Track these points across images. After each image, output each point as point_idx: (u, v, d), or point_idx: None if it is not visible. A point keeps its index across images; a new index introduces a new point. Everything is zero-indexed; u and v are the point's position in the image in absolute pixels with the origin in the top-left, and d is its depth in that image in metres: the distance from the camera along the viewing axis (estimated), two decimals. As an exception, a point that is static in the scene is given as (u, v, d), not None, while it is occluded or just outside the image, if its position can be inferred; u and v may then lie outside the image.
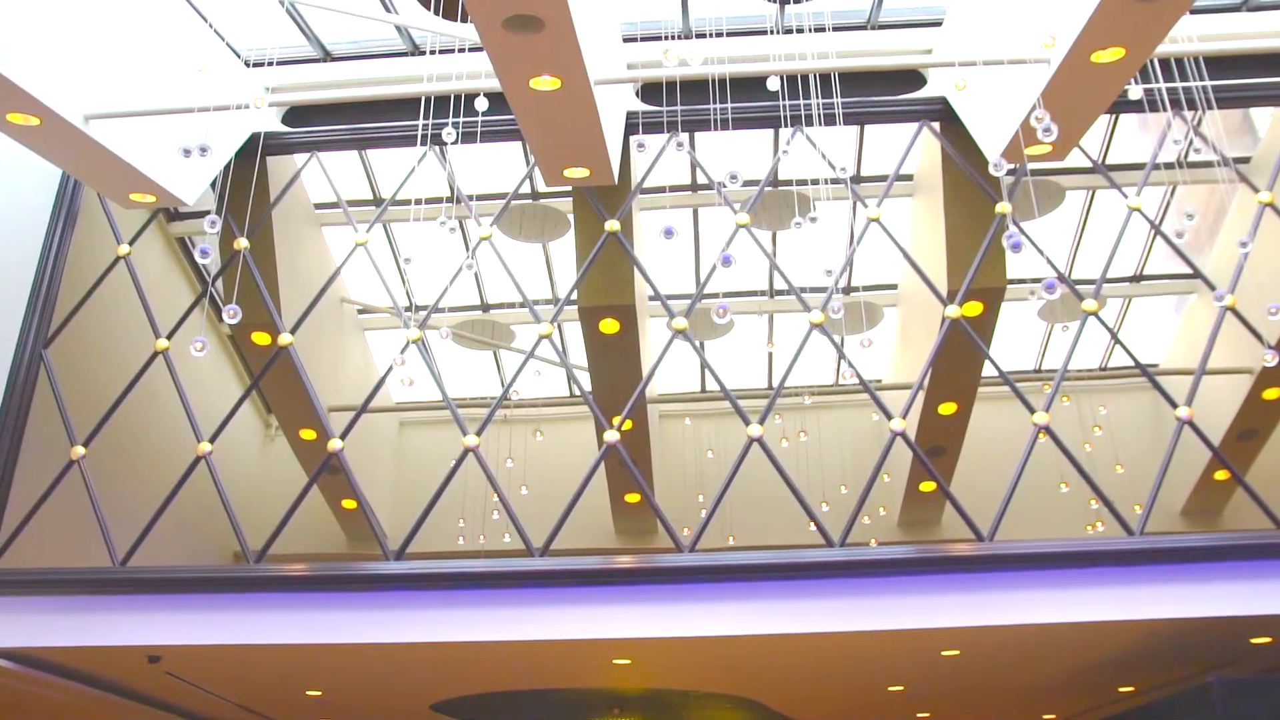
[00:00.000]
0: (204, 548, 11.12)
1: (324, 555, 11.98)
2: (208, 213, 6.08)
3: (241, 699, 9.45)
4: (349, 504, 11.89)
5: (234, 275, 9.03)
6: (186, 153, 5.53)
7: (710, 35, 7.90)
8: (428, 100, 7.94)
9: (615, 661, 8.08)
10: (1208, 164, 9.44)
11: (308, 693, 9.13)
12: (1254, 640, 7.84)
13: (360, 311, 12.68)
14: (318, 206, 11.20)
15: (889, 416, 8.25)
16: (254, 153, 9.02)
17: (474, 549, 11.79)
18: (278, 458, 12.80)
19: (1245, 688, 6.62)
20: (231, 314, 6.00)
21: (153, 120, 7.90)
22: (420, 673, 8.53)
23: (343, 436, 8.52)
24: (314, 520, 11.88)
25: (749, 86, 8.32)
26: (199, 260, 5.85)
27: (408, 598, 7.57)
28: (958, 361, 10.08)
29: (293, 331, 8.96)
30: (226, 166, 8.78)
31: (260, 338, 9.93)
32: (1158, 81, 8.05)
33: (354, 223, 9.47)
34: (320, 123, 9.69)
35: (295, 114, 9.75)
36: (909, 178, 10.79)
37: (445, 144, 6.94)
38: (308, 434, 11.02)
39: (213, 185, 9.03)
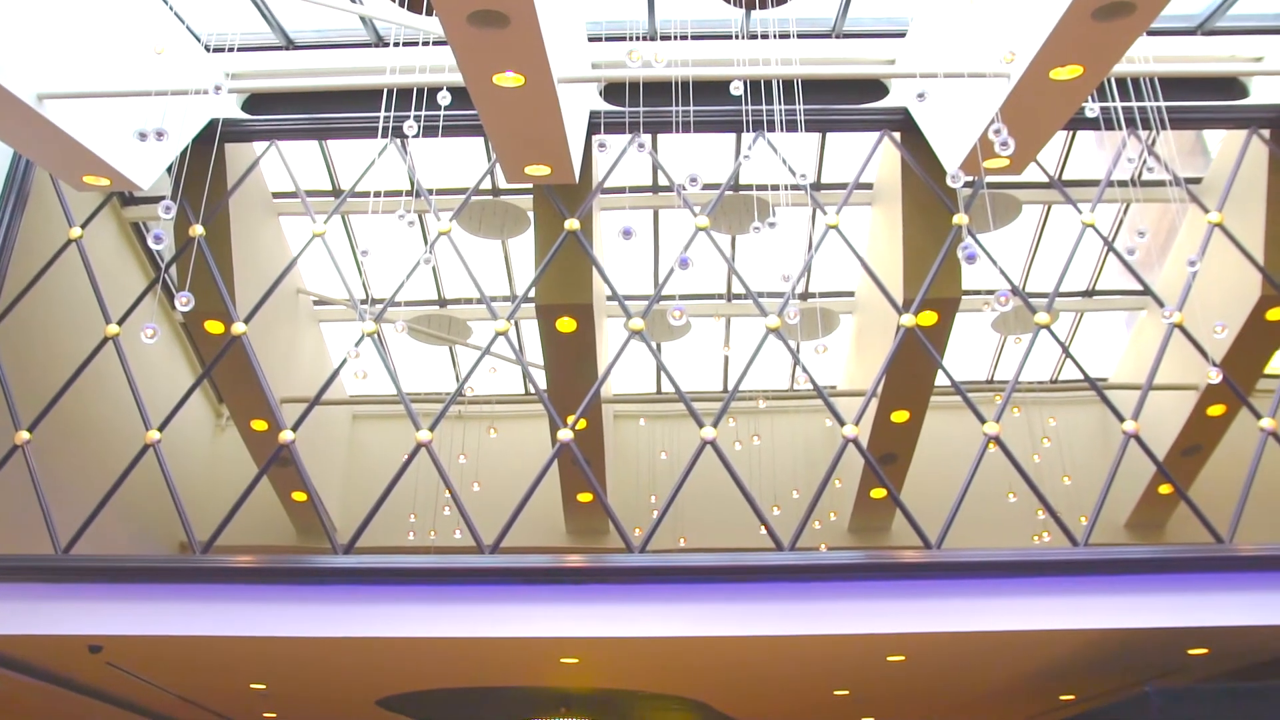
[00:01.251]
0: (150, 538, 10.99)
1: (273, 548, 11.88)
2: (163, 198, 6.00)
3: (184, 691, 9.34)
4: (299, 496, 11.79)
5: (188, 262, 8.92)
6: (142, 136, 5.47)
7: (675, 38, 7.92)
8: (390, 92, 7.89)
9: (563, 660, 8.07)
10: (1160, 183, 9.60)
11: (252, 686, 9.04)
12: (1191, 651, 7.98)
13: (316, 303, 12.58)
14: (276, 195, 11.09)
15: (842, 423, 8.32)
16: (212, 139, 8.92)
17: (425, 545, 11.73)
18: (228, 448, 12.66)
19: (1182, 697, 6.74)
20: (184, 301, 5.93)
21: (109, 102, 7.79)
22: (367, 668, 8.48)
23: (294, 428, 8.45)
24: (263, 512, 11.77)
25: (712, 90, 8.34)
26: (152, 246, 5.77)
27: (356, 592, 7.52)
28: (912, 370, 10.18)
29: (246, 321, 8.87)
30: (183, 152, 8.67)
31: (213, 326, 9.80)
32: (1114, 100, 8.17)
33: (312, 213, 9.40)
34: (280, 111, 9.60)
35: (255, 101, 9.66)
36: (869, 186, 10.87)
37: (406, 137, 6.92)
38: (259, 425, 10.92)
39: (169, 170, 8.93)
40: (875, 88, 9.65)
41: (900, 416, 11.06)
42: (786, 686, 9.10)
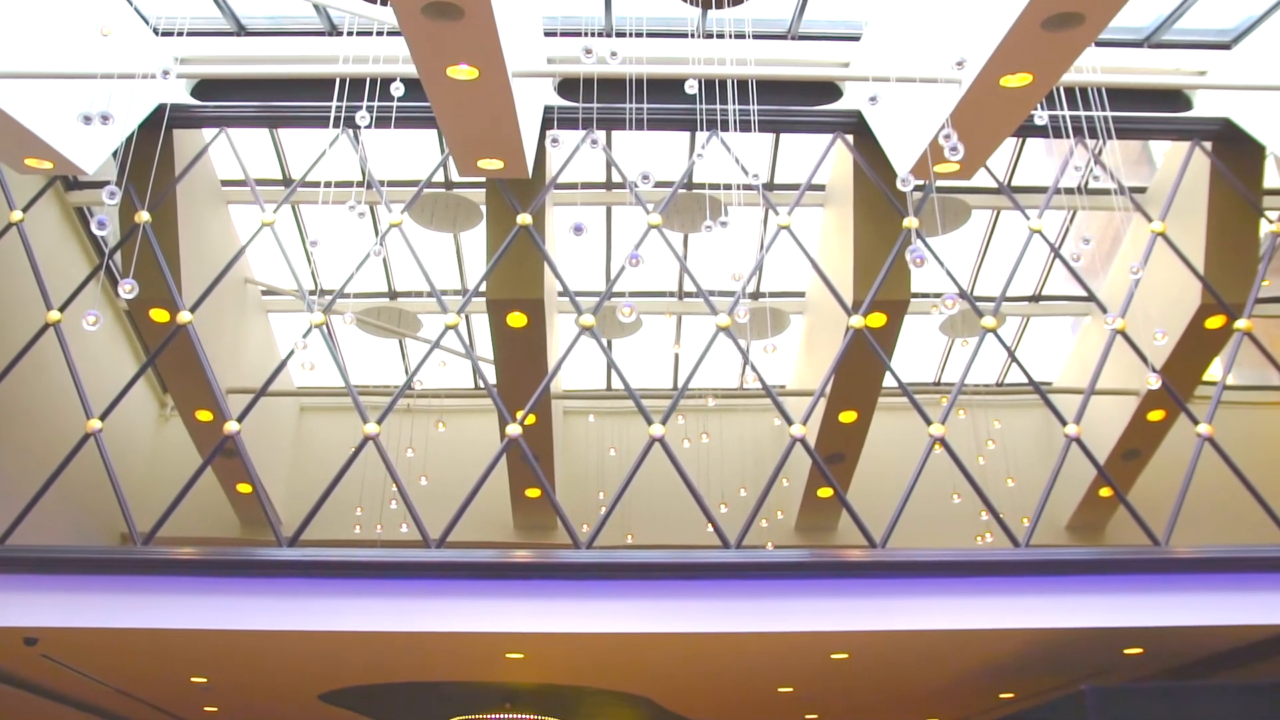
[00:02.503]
0: (91, 528, 10.83)
1: (216, 540, 11.73)
2: (108, 183, 5.91)
3: (122, 685, 9.20)
4: (244, 488, 11.66)
5: (133, 249, 8.79)
6: (87, 120, 5.37)
7: (631, 35, 7.93)
8: (343, 82, 7.82)
9: (508, 656, 8.06)
10: (1106, 191, 9.77)
11: (193, 679, 8.93)
12: (1127, 651, 8.13)
13: (264, 293, 12.43)
14: (225, 184, 10.95)
15: (790, 422, 8.37)
16: (160, 124, 8.79)
17: (370, 538, 11.65)
18: (172, 438, 12.50)
19: (1116, 696, 6.86)
20: (128, 289, 5.85)
21: (53, 84, 7.65)
22: (310, 662, 8.41)
23: (240, 419, 8.37)
24: (207, 504, 11.64)
25: (667, 88, 8.37)
26: (96, 231, 5.69)
27: (300, 585, 7.45)
28: (860, 371, 10.27)
29: (192, 310, 8.76)
30: (129, 137, 8.55)
31: (159, 315, 9.67)
32: (1062, 109, 8.31)
33: (261, 202, 9.30)
34: (231, 98, 9.49)
35: (205, 87, 9.53)
36: (821, 188, 10.94)
37: (358, 127, 6.86)
38: (204, 415, 10.78)
39: (115, 155, 8.78)
40: (829, 90, 9.72)
41: (848, 417, 11.16)
42: (731, 683, 9.15)
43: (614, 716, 11.14)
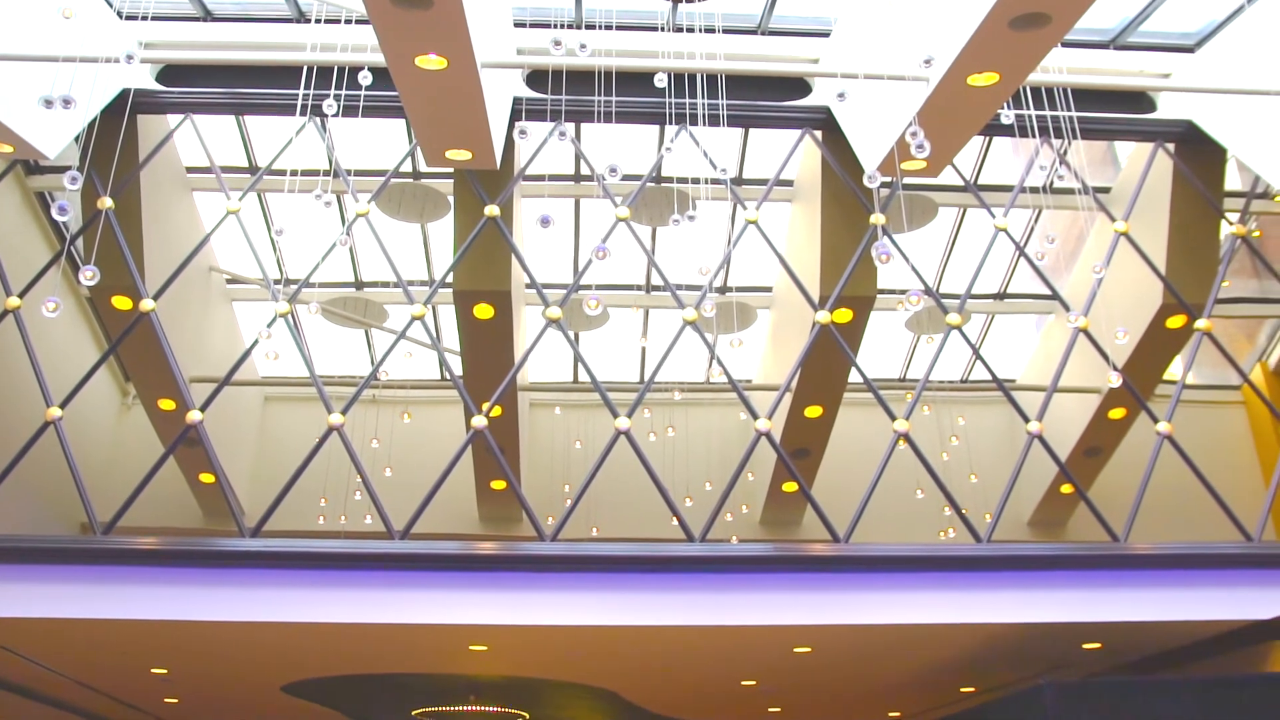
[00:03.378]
0: (50, 518, 10.71)
1: (178, 530, 11.65)
2: (70, 168, 5.84)
3: (81, 676, 9.11)
4: (207, 478, 11.57)
5: (95, 235, 8.69)
6: (48, 103, 5.31)
7: (600, 27, 7.91)
8: (310, 70, 7.77)
9: (472, 648, 8.04)
10: (1071, 191, 9.85)
11: (153, 671, 8.85)
12: (1085, 646, 8.23)
13: (229, 281, 12.33)
14: (190, 170, 10.84)
15: (755, 416, 8.40)
16: (123, 110, 8.68)
17: (335, 530, 11.60)
18: (134, 427, 12.38)
19: (1074, 691, 6.91)
20: (89, 275, 5.78)
21: (13, 66, 7.55)
22: (272, 653, 8.36)
23: (203, 408, 8.30)
24: (169, 494, 11.54)
25: (637, 81, 8.37)
26: (57, 217, 5.61)
27: (262, 576, 7.39)
28: (826, 366, 10.32)
29: (155, 297, 8.68)
30: (92, 122, 8.44)
31: (121, 302, 9.56)
32: (1029, 109, 8.38)
33: (226, 190, 9.22)
34: (196, 84, 9.40)
35: (170, 73, 9.43)
36: (789, 183, 10.98)
37: (326, 116, 6.82)
38: (167, 404, 10.67)
39: (77, 140, 8.68)
40: (798, 86, 9.75)
41: (814, 412, 11.21)
42: (694, 676, 9.17)
43: (578, 709, 11.15)
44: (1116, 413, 11.59)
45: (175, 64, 9.38)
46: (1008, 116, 7.85)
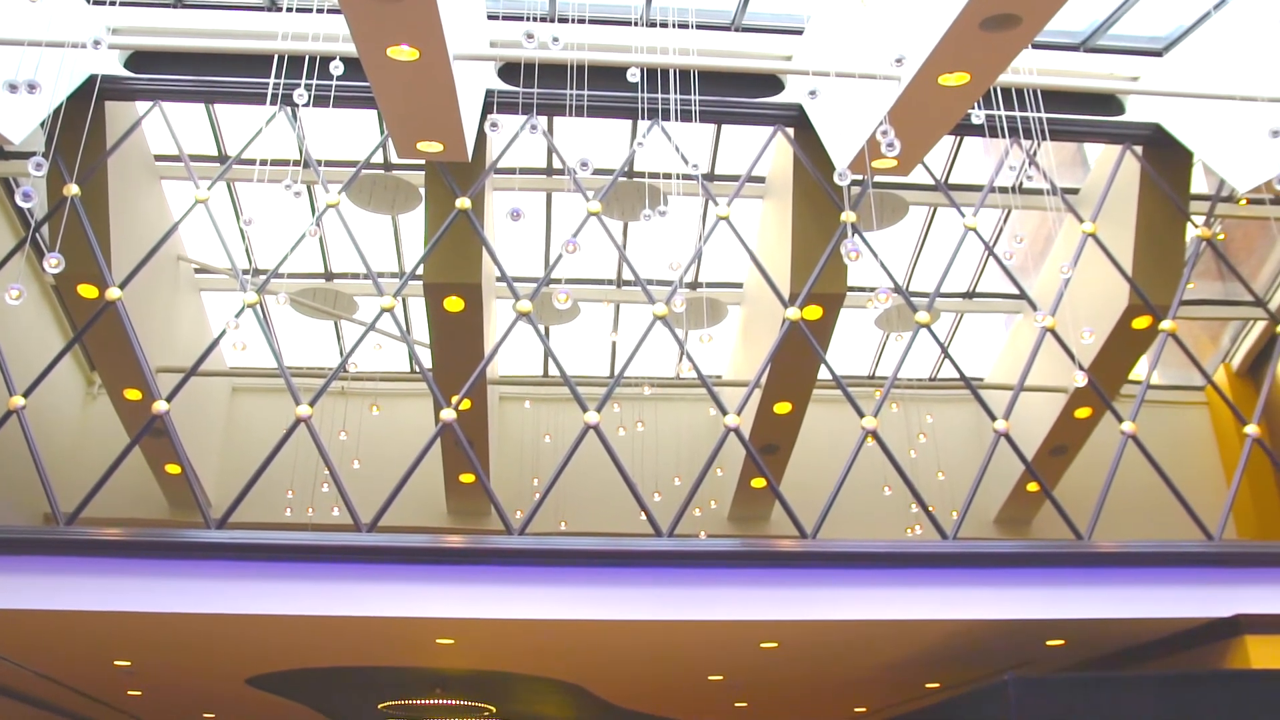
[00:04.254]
0: (12, 508, 10.61)
1: (143, 521, 11.56)
2: (35, 154, 5.77)
3: (42, 668, 9.02)
4: (173, 469, 11.48)
5: (60, 222, 8.59)
6: (12, 88, 5.24)
7: (574, 21, 7.90)
8: (281, 59, 7.70)
9: (439, 641, 8.02)
10: (1040, 192, 9.94)
11: (116, 663, 8.78)
12: (1049, 642, 8.31)
13: (197, 271, 12.23)
14: (158, 158, 10.74)
15: (724, 412, 8.42)
16: (90, 95, 8.59)
17: (302, 521, 11.54)
18: (99, 417, 12.25)
19: (1038, 687, 6.98)
20: (54, 263, 5.71)
21: (-21, 51, 7.44)
22: (237, 646, 8.31)
23: (169, 399, 8.22)
24: (134, 485, 11.46)
25: (609, 76, 8.37)
26: (21, 203, 5.54)
27: (228, 568, 7.34)
28: (795, 363, 10.36)
29: (122, 286, 8.59)
30: (58, 108, 8.34)
31: (87, 290, 9.46)
32: (999, 109, 8.43)
33: (195, 178, 9.14)
34: (166, 71, 9.30)
35: (139, 59, 9.33)
36: (761, 180, 11.01)
37: (296, 105, 6.77)
38: (133, 394, 10.58)
39: (42, 125, 8.57)
40: (771, 83, 9.77)
41: (783, 408, 11.25)
42: (661, 671, 9.19)
43: (545, 704, 11.15)
44: (1082, 412, 11.71)
45: (144, 50, 9.27)
46: (978, 117, 7.91)
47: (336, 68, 6.72)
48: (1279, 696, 6.81)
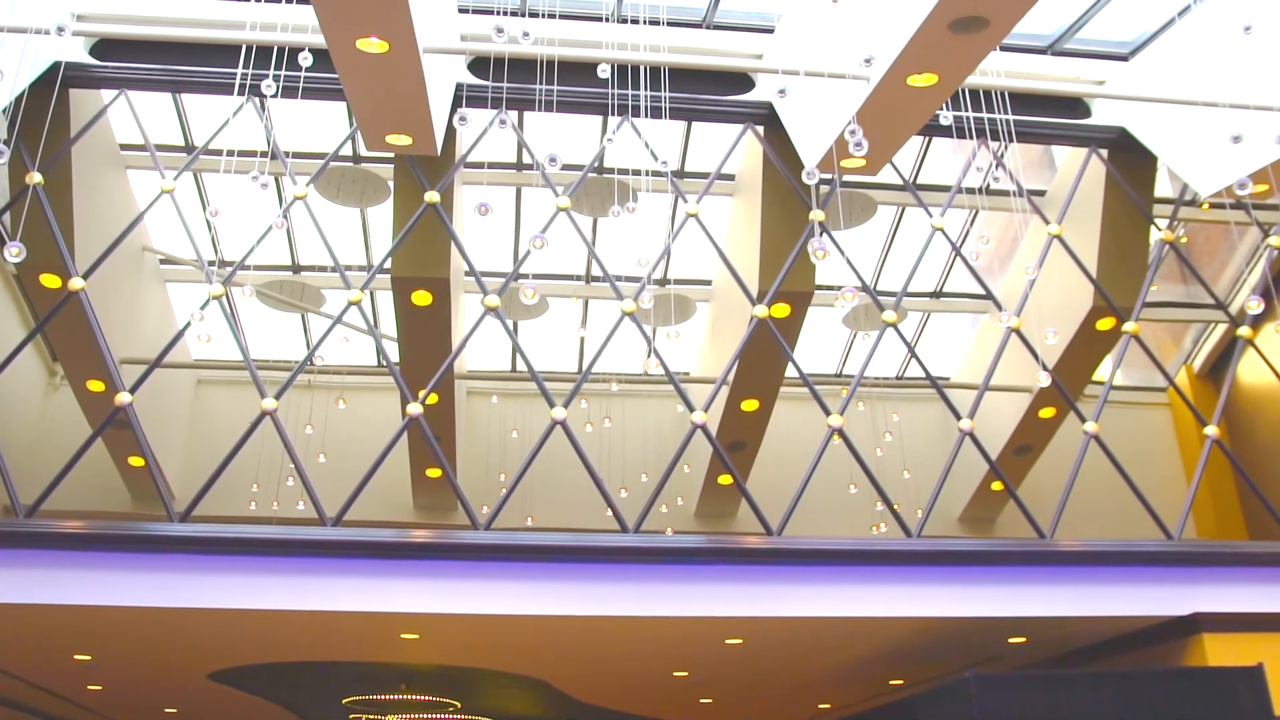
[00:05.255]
0: (-30, 499, 10.45)
1: (105, 514, 11.45)
2: (-3, 142, 5.71)
3: (1, 662, 8.92)
4: (136, 462, 11.38)
5: (22, 211, 8.48)
6: (-26, 75, 5.17)
7: (544, 15, 7.89)
8: (249, 49, 7.64)
9: (404, 636, 8.00)
10: (1007, 193, 10.02)
11: (76, 657, 8.69)
12: (1011, 640, 8.39)
13: (163, 262, 12.12)
14: (124, 147, 10.64)
15: (691, 409, 8.44)
16: (54, 83, 8.49)
17: (267, 515, 11.47)
18: (61, 408, 12.11)
19: (999, 684, 7.04)
20: (15, 252, 5.66)
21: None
22: (200, 640, 8.24)
23: (133, 390, 8.14)
24: (97, 477, 11.36)
25: (580, 71, 8.36)
26: (-19, 192, 5.48)
27: (191, 561, 7.28)
28: (763, 360, 10.40)
29: (85, 276, 8.49)
30: (20, 95, 8.24)
31: (50, 280, 9.35)
32: (967, 111, 8.49)
33: (161, 168, 9.06)
34: (132, 59, 9.20)
35: (105, 47, 9.23)
36: (731, 178, 11.03)
37: (264, 96, 6.72)
38: (95, 385, 10.47)
39: (4, 112, 8.46)
40: (742, 81, 9.79)
41: (750, 405, 11.29)
42: (627, 667, 9.21)
43: (510, 699, 11.14)
44: (1046, 412, 11.81)
45: (110, 38, 9.17)
46: (946, 118, 7.96)
47: (305, 59, 6.67)
48: (1235, 693, 6.92)
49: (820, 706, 11.36)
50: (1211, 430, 9.05)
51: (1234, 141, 6.63)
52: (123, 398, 8.04)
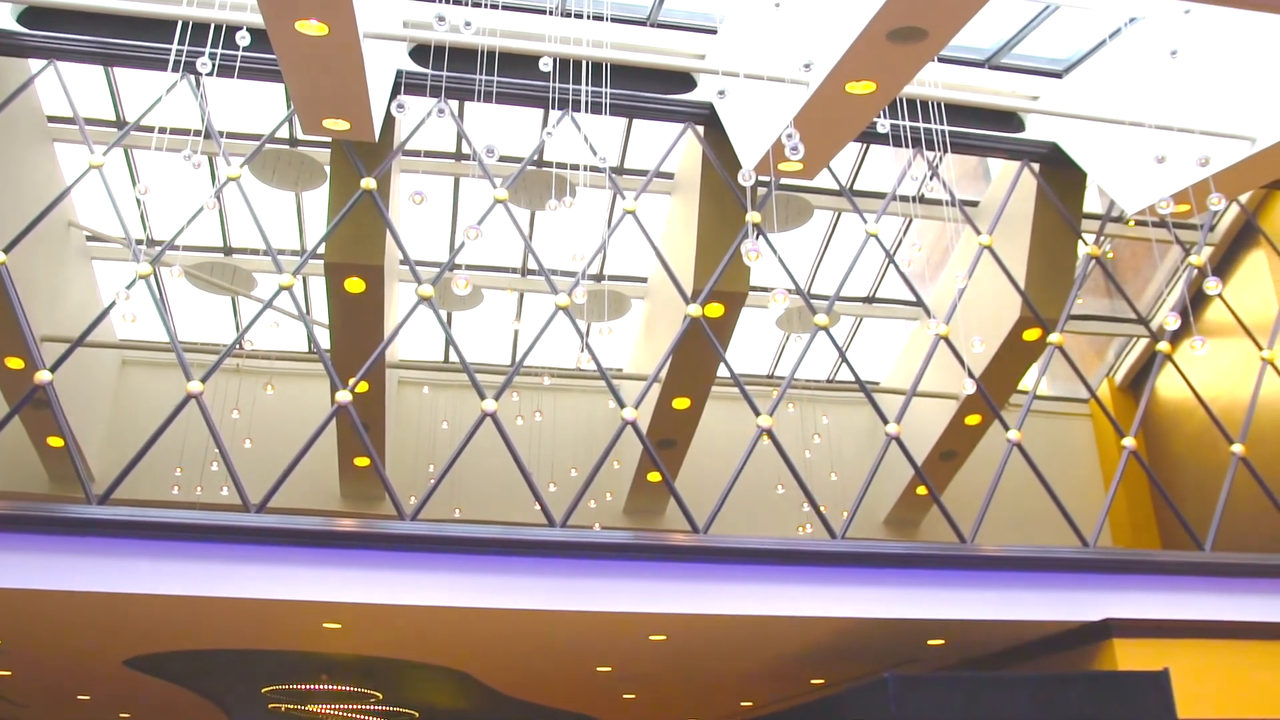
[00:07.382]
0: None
1: (21, 494, 11.18)
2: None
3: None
4: (55, 442, 11.12)
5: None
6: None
7: (487, 5, 7.84)
8: (185, 25, 7.50)
9: (326, 625, 7.92)
10: (940, 202, 10.17)
11: (-16, 641, 8.50)
12: (930, 641, 8.53)
13: (89, 238, 11.86)
14: (51, 120, 10.39)
15: (622, 405, 8.46)
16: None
17: (189, 500, 11.28)
18: (-23, 386, 11.82)
19: (916, 684, 7.16)
20: (-68, 223, 5.51)
21: None
22: (116, 625, 8.08)
23: (53, 369, 7.96)
24: (14, 457, 11.12)
25: (522, 63, 8.33)
26: (-102, 160, 5.34)
27: (109, 545, 7.13)
28: (695, 359, 10.45)
29: (7, 250, 8.28)
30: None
31: (-31, 254, 9.13)
32: (904, 120, 8.61)
33: (90, 143, 8.85)
34: (62, 29, 8.98)
35: (34, 15, 9.00)
36: (670, 176, 11.07)
37: (200, 74, 6.61)
38: (14, 363, 10.21)
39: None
40: (684, 80, 9.83)
41: (681, 403, 11.34)
42: (550, 661, 9.21)
43: (433, 691, 11.08)
44: (972, 419, 12.02)
45: (40, 6, 8.95)
46: (884, 126, 8.07)
47: (243, 38, 6.58)
48: (1144, 697, 7.12)
49: (742, 704, 11.45)
50: (1129, 442, 9.27)
51: (1158, 162, 6.81)
52: (42, 376, 7.85)
